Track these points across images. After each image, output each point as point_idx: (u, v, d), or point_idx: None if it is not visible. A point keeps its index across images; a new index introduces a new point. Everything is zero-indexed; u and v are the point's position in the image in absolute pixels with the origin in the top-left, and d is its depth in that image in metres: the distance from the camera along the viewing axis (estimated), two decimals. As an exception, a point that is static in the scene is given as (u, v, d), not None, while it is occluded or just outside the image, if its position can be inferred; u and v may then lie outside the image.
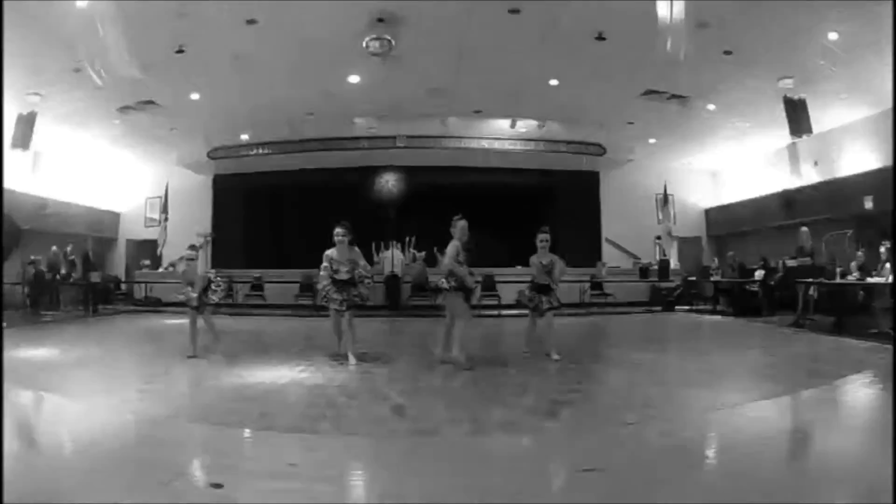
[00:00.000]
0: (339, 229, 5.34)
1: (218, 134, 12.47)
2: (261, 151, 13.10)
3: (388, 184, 13.47)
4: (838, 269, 8.47)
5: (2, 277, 8.85)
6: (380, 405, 3.56)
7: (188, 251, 5.98)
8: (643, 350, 6.34)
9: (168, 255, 13.74)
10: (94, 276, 11.66)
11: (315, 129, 12.27)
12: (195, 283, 5.78)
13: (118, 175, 14.75)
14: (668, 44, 7.17)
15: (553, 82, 10.21)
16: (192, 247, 6.14)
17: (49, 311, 10.40)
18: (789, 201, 11.98)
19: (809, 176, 11.74)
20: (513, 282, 6.19)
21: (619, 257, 14.22)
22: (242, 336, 7.37)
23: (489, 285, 10.80)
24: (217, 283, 5.91)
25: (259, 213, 14.64)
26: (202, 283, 5.79)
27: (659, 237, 14.32)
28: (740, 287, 10.64)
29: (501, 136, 12.85)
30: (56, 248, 11.52)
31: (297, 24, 8.01)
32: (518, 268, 5.84)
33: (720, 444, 2.92)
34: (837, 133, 10.77)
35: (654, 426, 3.14)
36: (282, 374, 4.61)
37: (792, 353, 5.80)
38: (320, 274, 5.46)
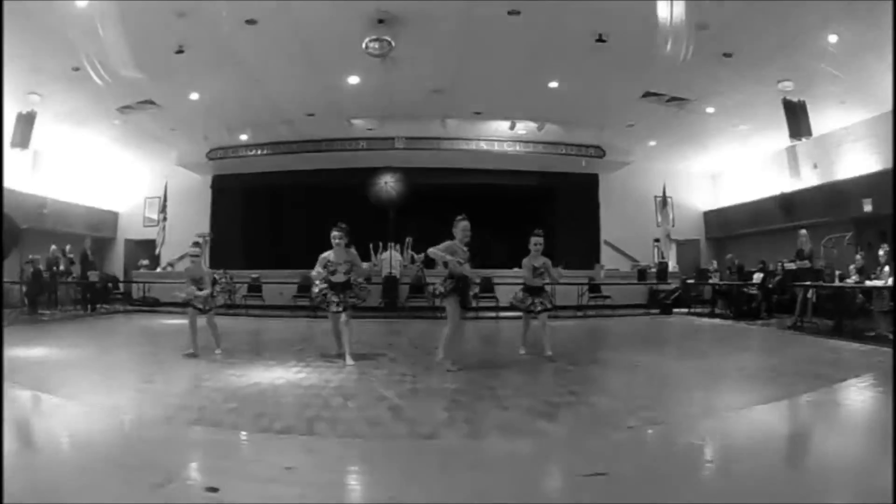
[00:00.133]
0: (335, 232, 5.34)
1: (217, 134, 12.47)
2: (260, 152, 13.10)
3: (387, 185, 13.46)
4: (837, 273, 8.49)
5: (1, 277, 8.81)
6: (377, 407, 3.55)
7: (192, 248, 5.88)
8: (641, 352, 6.32)
9: (166, 255, 13.76)
10: (93, 276, 11.65)
11: (314, 129, 12.28)
12: (202, 279, 5.70)
13: (117, 175, 14.75)
14: (668, 46, 7.19)
15: (553, 84, 10.22)
16: (196, 243, 6.04)
17: (47, 311, 10.37)
18: (788, 204, 11.99)
19: (808, 178, 11.75)
20: (511, 284, 6.17)
21: (617, 259, 14.22)
22: (242, 336, 7.36)
23: (487, 287, 10.79)
24: (222, 284, 5.87)
25: (258, 214, 14.64)
26: (208, 280, 5.72)
27: (657, 239, 14.33)
28: (739, 290, 10.64)
29: (501, 137, 12.85)
30: (55, 247, 11.49)
31: (297, 24, 8.02)
32: (516, 270, 5.84)
33: (720, 447, 2.90)
34: (837, 136, 10.76)
35: (654, 429, 3.13)
36: (279, 375, 4.59)
37: (791, 356, 5.78)
38: (312, 274, 5.44)
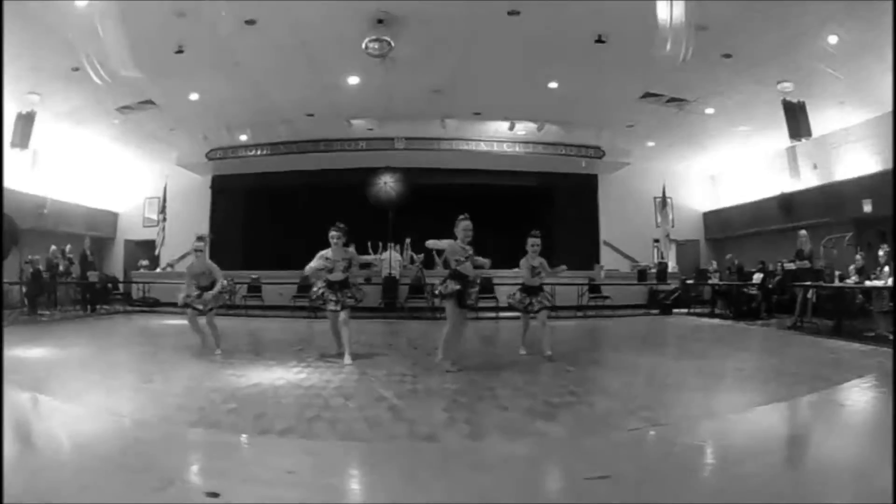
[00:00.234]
0: (333, 231, 5.35)
1: (216, 134, 12.46)
2: (259, 152, 13.10)
3: (387, 185, 13.46)
4: (836, 273, 8.49)
5: (1, 277, 8.81)
6: (377, 407, 3.54)
7: (196, 242, 5.79)
8: (641, 353, 6.32)
9: (166, 255, 13.75)
10: (92, 276, 11.64)
11: (314, 129, 12.27)
12: (208, 273, 5.65)
13: (117, 175, 14.74)
14: (668, 46, 7.19)
15: (552, 84, 10.22)
16: (200, 238, 5.94)
17: (47, 311, 10.36)
18: (788, 204, 11.99)
19: (808, 179, 11.75)
20: (511, 284, 6.17)
21: (617, 260, 14.22)
22: (242, 337, 7.35)
23: (487, 287, 10.78)
24: (224, 287, 5.82)
25: (257, 214, 14.63)
26: (218, 273, 5.68)
27: (657, 240, 14.33)
28: (738, 290, 10.64)
29: (500, 138, 12.85)
30: (55, 247, 11.48)
31: (297, 24, 8.01)
32: (515, 270, 5.83)
33: (721, 448, 2.90)
34: (837, 136, 10.76)
35: (655, 430, 3.12)
36: (279, 376, 4.59)
37: (791, 356, 5.78)
38: (307, 267, 5.39)
